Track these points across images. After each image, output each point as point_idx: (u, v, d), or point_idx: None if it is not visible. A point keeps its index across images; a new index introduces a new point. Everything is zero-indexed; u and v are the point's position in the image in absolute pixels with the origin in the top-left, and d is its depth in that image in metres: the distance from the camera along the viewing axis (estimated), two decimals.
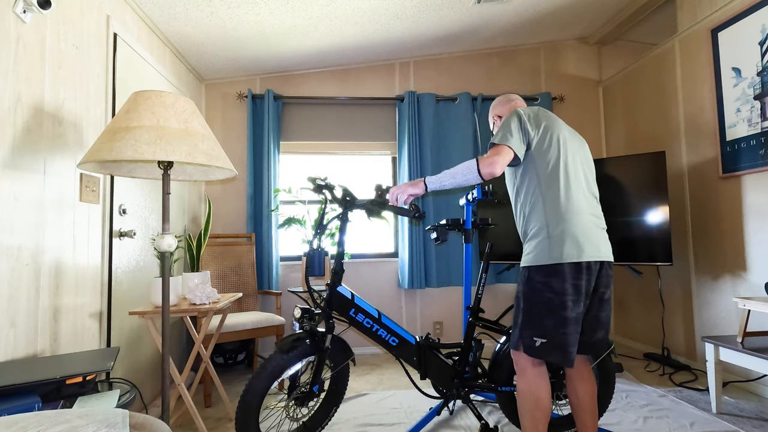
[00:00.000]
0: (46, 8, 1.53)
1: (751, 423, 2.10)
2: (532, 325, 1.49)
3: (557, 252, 1.46)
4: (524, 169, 1.58)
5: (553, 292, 1.46)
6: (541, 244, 1.49)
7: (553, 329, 1.45)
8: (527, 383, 1.53)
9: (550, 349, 1.46)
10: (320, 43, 3.13)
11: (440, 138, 3.63)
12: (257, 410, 1.62)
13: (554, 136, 1.56)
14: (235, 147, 3.50)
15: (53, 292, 1.63)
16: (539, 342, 1.47)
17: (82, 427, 0.86)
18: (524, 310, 1.51)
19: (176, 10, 2.45)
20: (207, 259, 3.12)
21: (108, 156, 1.34)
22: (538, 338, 1.47)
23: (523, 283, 1.53)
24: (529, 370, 1.53)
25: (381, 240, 3.71)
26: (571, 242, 1.47)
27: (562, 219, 1.49)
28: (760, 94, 2.41)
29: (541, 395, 1.51)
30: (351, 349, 1.87)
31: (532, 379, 1.52)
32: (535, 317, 1.49)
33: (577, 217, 1.50)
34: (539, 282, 1.48)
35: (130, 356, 2.21)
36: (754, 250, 2.48)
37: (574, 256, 1.46)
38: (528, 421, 1.52)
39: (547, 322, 1.46)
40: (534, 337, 1.48)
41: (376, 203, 1.75)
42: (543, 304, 1.47)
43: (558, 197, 1.51)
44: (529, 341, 1.49)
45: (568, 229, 1.48)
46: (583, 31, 3.71)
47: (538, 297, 1.48)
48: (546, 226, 1.50)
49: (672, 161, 3.10)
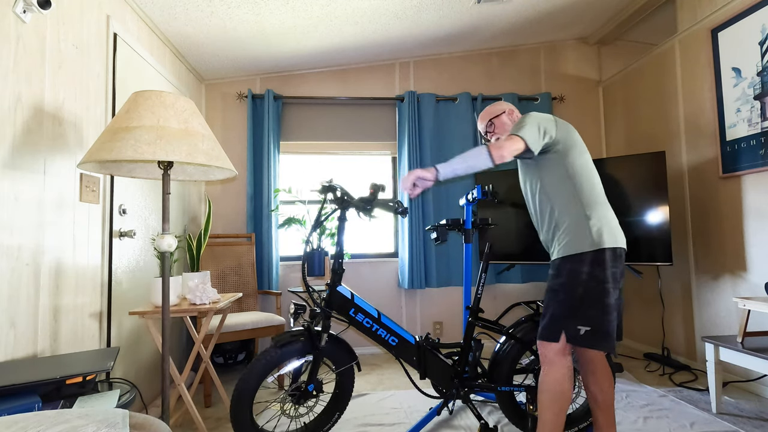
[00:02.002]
0: (46, 8, 1.53)
1: (751, 423, 2.10)
2: (576, 314, 1.50)
3: (598, 238, 1.51)
4: (552, 165, 1.61)
5: (596, 280, 1.49)
6: (581, 233, 1.52)
7: (598, 317, 1.48)
8: (554, 375, 1.54)
9: (596, 337, 1.48)
10: (320, 43, 3.13)
11: (440, 138, 3.63)
12: (250, 401, 1.66)
13: (575, 135, 1.64)
14: (235, 147, 3.50)
15: (53, 292, 1.63)
16: (584, 330, 1.49)
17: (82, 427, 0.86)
18: (566, 300, 1.51)
19: (176, 10, 2.45)
20: (207, 259, 3.12)
21: (108, 156, 1.34)
22: (583, 327, 1.49)
23: (565, 274, 1.53)
24: (557, 361, 1.54)
25: (381, 240, 3.71)
26: (608, 229, 1.53)
27: (599, 208, 1.56)
28: (760, 94, 2.41)
29: (566, 387, 1.53)
30: (355, 353, 1.87)
31: (560, 370, 1.53)
32: (578, 306, 1.50)
33: (606, 207, 1.59)
34: (581, 271, 1.50)
35: (130, 356, 2.21)
36: (754, 250, 2.48)
37: (612, 242, 1.52)
38: (550, 413, 1.53)
39: (592, 310, 1.48)
40: (578, 326, 1.49)
41: (365, 200, 1.76)
42: (587, 293, 1.49)
43: (592, 188, 1.59)
44: (573, 331, 1.50)
45: (605, 216, 1.56)
46: (583, 31, 3.71)
47: (582, 286, 1.50)
48: (585, 215, 1.54)
49: (672, 161, 3.10)
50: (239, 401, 1.64)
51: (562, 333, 1.52)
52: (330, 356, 1.83)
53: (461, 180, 3.56)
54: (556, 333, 1.53)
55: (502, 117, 1.82)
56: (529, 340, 1.90)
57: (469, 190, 3.57)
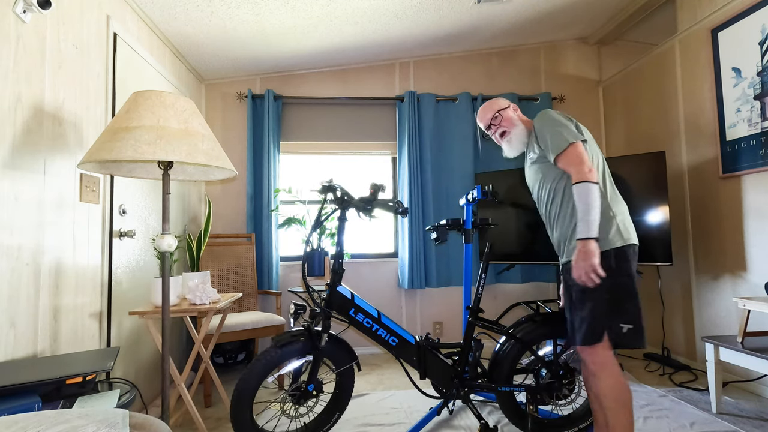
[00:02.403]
0: (46, 8, 1.53)
1: (751, 423, 2.10)
2: (616, 312, 1.47)
3: (626, 234, 1.50)
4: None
5: (628, 275, 1.47)
6: (608, 228, 1.50)
7: (635, 313, 1.46)
8: (615, 377, 1.48)
9: (636, 333, 1.45)
10: (320, 43, 3.13)
11: (440, 138, 3.63)
12: (251, 401, 1.66)
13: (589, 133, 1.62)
14: (235, 147, 3.50)
15: (53, 292, 1.63)
16: (626, 328, 1.45)
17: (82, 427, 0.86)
18: (606, 299, 1.47)
19: (176, 10, 2.45)
20: (207, 259, 3.12)
21: (108, 156, 1.34)
22: (625, 324, 1.46)
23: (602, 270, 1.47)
24: (608, 362, 1.49)
25: (381, 240, 3.71)
26: (630, 226, 1.54)
27: (620, 204, 1.56)
28: (760, 94, 2.41)
29: (626, 385, 1.49)
30: (355, 353, 1.87)
31: (616, 369, 1.49)
32: (617, 303, 1.47)
33: (623, 203, 1.58)
34: (614, 267, 1.48)
35: (130, 356, 2.21)
36: (754, 250, 2.48)
37: (634, 239, 1.52)
38: (623, 416, 1.47)
39: (629, 306, 1.46)
40: (621, 323, 1.46)
41: (365, 200, 1.76)
42: (622, 289, 1.47)
43: (612, 184, 1.58)
44: (617, 329, 1.46)
45: (625, 213, 1.55)
46: (583, 31, 3.71)
47: (618, 282, 1.47)
48: (611, 212, 1.52)
49: (672, 161, 3.10)
50: (239, 401, 1.64)
51: (605, 333, 1.48)
52: (330, 356, 1.83)
53: (461, 180, 3.56)
54: (599, 334, 1.48)
55: (508, 111, 1.75)
56: (529, 340, 1.90)
57: (469, 190, 3.57)
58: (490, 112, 1.77)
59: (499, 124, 1.74)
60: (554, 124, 1.57)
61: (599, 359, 1.50)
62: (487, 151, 3.67)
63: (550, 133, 1.57)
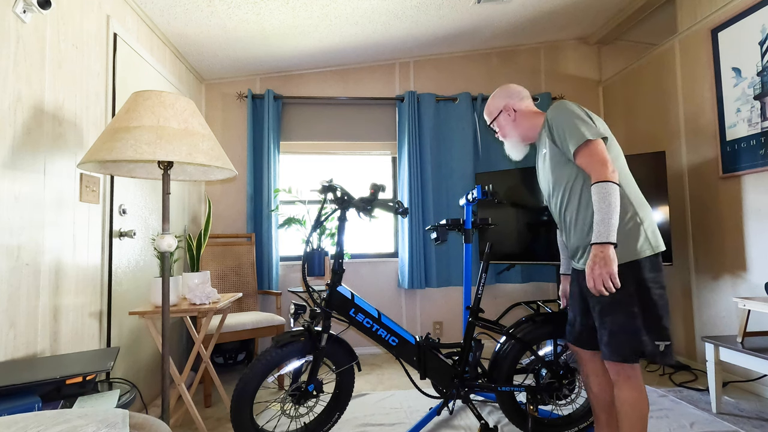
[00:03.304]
0: (46, 8, 1.53)
1: (751, 423, 2.10)
2: (652, 329, 1.35)
3: (655, 241, 1.38)
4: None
5: (661, 286, 1.36)
6: (638, 235, 1.37)
7: (669, 328, 1.35)
8: (639, 392, 1.39)
9: (670, 350, 1.34)
10: (320, 43, 3.13)
11: (440, 138, 3.63)
12: (251, 401, 1.66)
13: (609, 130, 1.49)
14: (235, 147, 3.50)
15: (53, 292, 1.63)
16: (663, 346, 1.34)
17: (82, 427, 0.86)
18: (636, 314, 1.35)
19: (176, 10, 2.45)
20: (207, 259, 3.12)
21: (108, 156, 1.34)
22: (661, 342, 1.34)
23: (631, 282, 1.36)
24: (634, 376, 1.39)
25: (381, 240, 3.71)
26: (657, 230, 1.41)
27: (646, 209, 1.42)
28: (760, 94, 2.41)
29: (646, 402, 1.41)
30: (355, 353, 1.87)
31: (641, 385, 1.40)
32: (654, 318, 1.35)
33: (650, 208, 1.45)
34: (648, 278, 1.35)
35: (130, 356, 2.21)
36: (754, 250, 2.48)
37: (663, 245, 1.40)
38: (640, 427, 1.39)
39: (665, 321, 1.35)
40: (656, 341, 1.34)
41: (365, 200, 1.76)
42: (656, 302, 1.35)
43: (635, 189, 1.44)
44: (652, 347, 1.34)
45: (652, 218, 1.42)
46: (583, 31, 3.71)
47: (651, 294, 1.35)
48: (638, 217, 1.39)
49: (672, 161, 3.10)
50: (239, 401, 1.64)
51: (642, 351, 1.36)
52: (330, 356, 1.83)
53: (461, 180, 3.56)
54: (636, 352, 1.36)
55: (500, 120, 1.68)
56: (530, 340, 1.90)
57: (469, 190, 3.57)
58: (488, 117, 1.74)
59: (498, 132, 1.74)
60: (571, 117, 1.43)
61: (626, 372, 1.40)
62: (487, 151, 3.67)
63: (568, 128, 1.42)
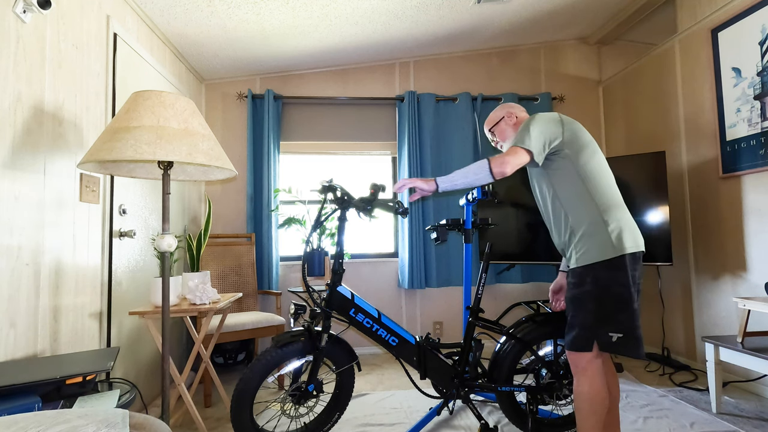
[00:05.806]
0: (46, 8, 1.53)
1: (751, 423, 2.10)
2: (606, 321, 1.49)
3: (619, 244, 1.50)
4: (563, 170, 1.57)
5: (621, 285, 1.49)
6: (600, 239, 1.51)
7: (628, 322, 1.49)
8: (591, 383, 1.53)
9: (628, 342, 1.48)
10: (320, 43, 3.13)
11: (440, 138, 3.63)
12: (251, 401, 1.67)
13: (585, 135, 1.59)
14: (235, 147, 3.50)
15: (53, 292, 1.63)
16: (616, 337, 1.49)
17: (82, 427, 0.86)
18: (594, 309, 1.51)
19: (176, 10, 2.45)
20: (207, 259, 3.12)
21: (108, 156, 1.34)
22: (615, 333, 1.49)
23: (589, 282, 1.51)
24: (590, 369, 1.53)
25: (381, 240, 3.71)
26: (628, 233, 1.52)
27: (615, 210, 1.53)
28: (760, 94, 2.41)
29: (604, 394, 1.53)
30: (355, 353, 1.87)
31: (596, 378, 1.53)
32: (608, 313, 1.49)
33: (623, 209, 1.56)
34: (606, 277, 1.49)
35: (130, 356, 2.21)
36: (754, 250, 2.48)
37: (633, 247, 1.51)
38: (591, 421, 1.52)
39: (621, 316, 1.49)
40: (610, 332, 1.49)
41: (365, 200, 1.76)
42: (614, 299, 1.49)
43: (605, 192, 1.55)
44: (606, 338, 1.50)
45: (623, 219, 1.53)
46: (583, 31, 3.71)
47: (608, 292, 1.49)
48: (602, 221, 1.52)
49: (672, 161, 3.10)
50: (239, 401, 1.64)
51: (594, 341, 1.51)
52: (330, 356, 1.83)
53: None
54: (589, 342, 1.51)
55: (500, 125, 1.80)
56: (530, 340, 1.90)
57: (469, 190, 3.57)
58: (487, 129, 1.86)
59: (497, 139, 1.84)
60: (524, 126, 1.59)
61: (581, 364, 1.54)
62: (487, 151, 3.67)
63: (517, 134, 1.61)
